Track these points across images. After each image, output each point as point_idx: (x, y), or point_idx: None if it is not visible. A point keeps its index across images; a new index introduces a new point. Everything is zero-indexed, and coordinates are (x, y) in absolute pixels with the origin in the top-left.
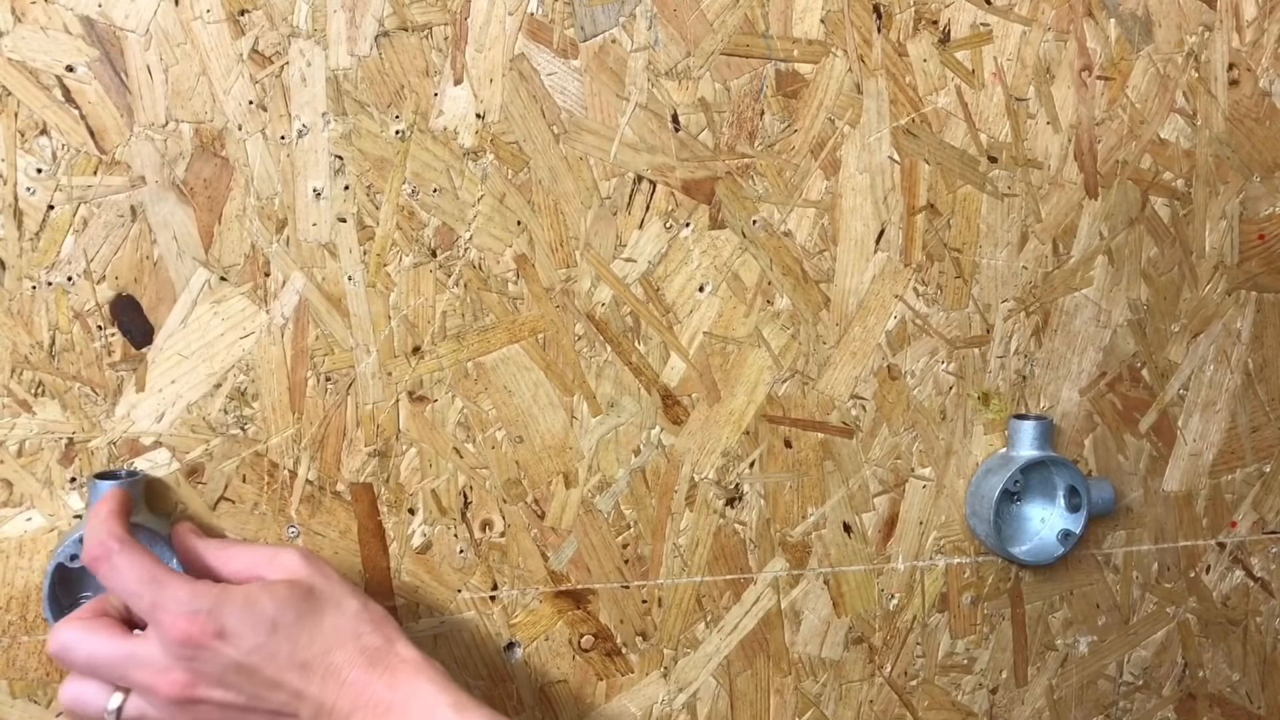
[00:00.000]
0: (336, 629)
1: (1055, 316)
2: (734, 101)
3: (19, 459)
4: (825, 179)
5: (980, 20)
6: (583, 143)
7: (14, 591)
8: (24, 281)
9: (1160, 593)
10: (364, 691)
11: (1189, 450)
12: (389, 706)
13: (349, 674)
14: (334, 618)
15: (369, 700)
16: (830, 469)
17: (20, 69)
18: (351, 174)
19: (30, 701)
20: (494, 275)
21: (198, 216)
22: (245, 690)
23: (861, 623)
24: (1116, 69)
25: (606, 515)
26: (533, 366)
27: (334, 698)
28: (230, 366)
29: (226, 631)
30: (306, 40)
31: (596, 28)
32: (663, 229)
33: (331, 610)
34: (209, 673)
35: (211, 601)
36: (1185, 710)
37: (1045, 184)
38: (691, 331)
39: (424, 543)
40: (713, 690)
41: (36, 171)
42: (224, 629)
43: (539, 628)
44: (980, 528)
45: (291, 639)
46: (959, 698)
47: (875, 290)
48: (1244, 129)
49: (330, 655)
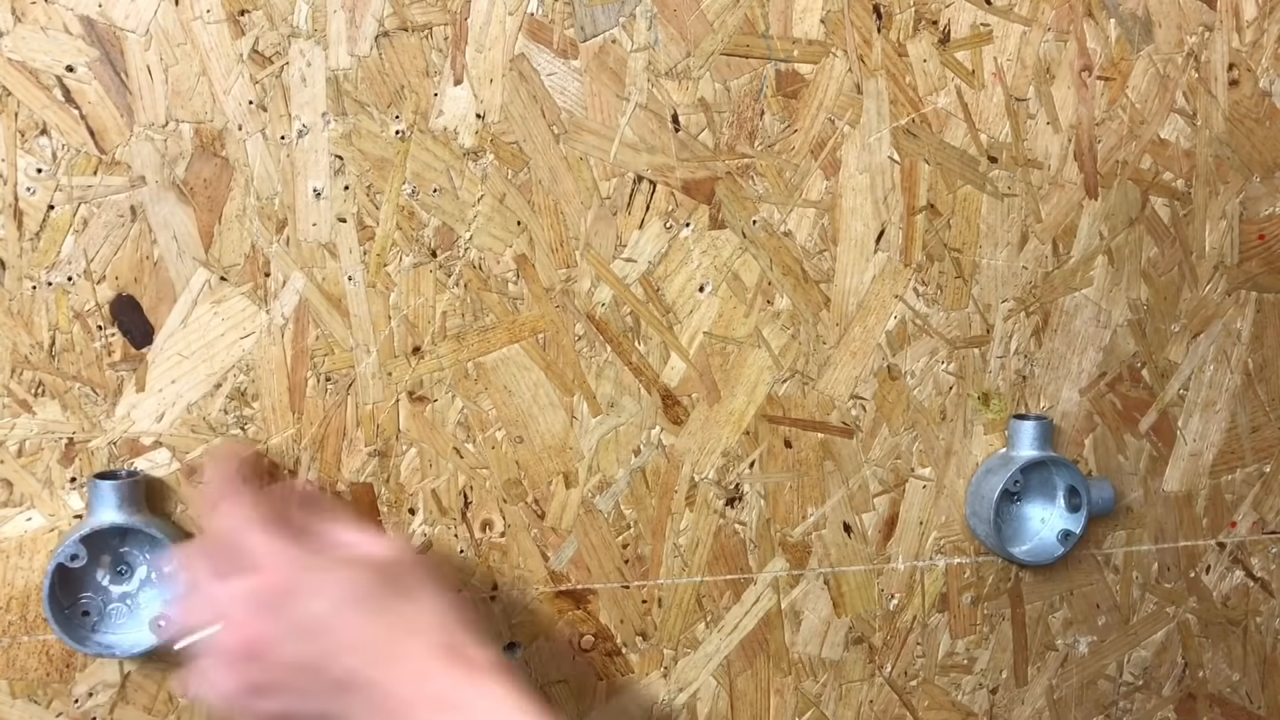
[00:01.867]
0: (414, 617)
1: (1055, 316)
2: (734, 101)
3: (19, 459)
4: (825, 179)
5: (980, 20)
6: (583, 143)
7: (14, 591)
8: (24, 281)
9: (1160, 593)
10: (428, 684)
11: (1189, 450)
12: (454, 704)
13: (417, 664)
14: (415, 606)
15: (433, 693)
16: (830, 469)
17: (20, 69)
18: (351, 174)
19: (30, 701)
20: (494, 275)
21: (198, 216)
22: (313, 653)
23: (861, 623)
24: (1116, 69)
25: (606, 515)
26: (533, 366)
27: (397, 684)
28: (230, 366)
29: (317, 589)
30: (306, 40)
31: (596, 28)
32: (663, 229)
33: (414, 600)
34: (288, 623)
35: (312, 559)
36: (1185, 710)
37: (1045, 184)
38: (691, 331)
39: (424, 543)
40: (713, 690)
41: (36, 171)
42: (316, 586)
43: (539, 628)
44: (980, 528)
45: (368, 616)
46: (959, 698)
47: (875, 290)
48: (1244, 129)
49: (402, 642)
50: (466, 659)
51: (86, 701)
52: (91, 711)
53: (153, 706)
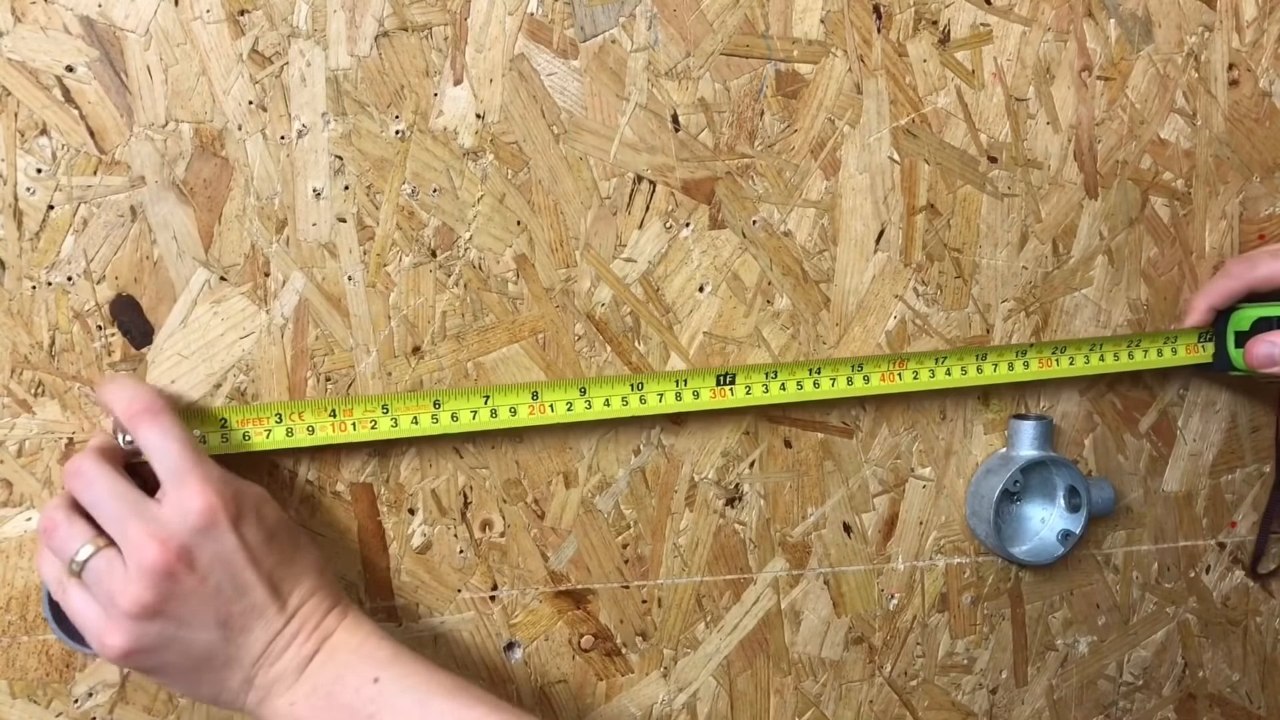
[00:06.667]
0: (310, 568)
1: (1055, 316)
2: (734, 101)
3: (19, 459)
4: (825, 179)
5: (980, 20)
6: (583, 143)
7: (14, 591)
8: (24, 281)
9: (1160, 593)
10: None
11: (1189, 450)
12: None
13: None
14: (306, 556)
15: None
16: (830, 469)
17: (20, 69)
18: (351, 174)
19: (30, 701)
20: (494, 275)
21: (198, 216)
22: (223, 582)
23: (861, 623)
24: (1116, 69)
25: (606, 515)
26: (532, 366)
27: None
28: (230, 366)
29: (242, 517)
30: (306, 40)
31: (596, 28)
32: (663, 229)
33: (305, 549)
34: (206, 552)
35: (238, 487)
36: (1185, 710)
37: (1045, 184)
38: (691, 331)
39: (424, 543)
40: (713, 690)
41: (36, 171)
42: (241, 514)
43: (539, 628)
44: (980, 528)
45: (277, 554)
46: (959, 698)
47: (875, 290)
48: (1244, 129)
49: (299, 586)
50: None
51: (86, 701)
52: (91, 711)
53: (152, 706)
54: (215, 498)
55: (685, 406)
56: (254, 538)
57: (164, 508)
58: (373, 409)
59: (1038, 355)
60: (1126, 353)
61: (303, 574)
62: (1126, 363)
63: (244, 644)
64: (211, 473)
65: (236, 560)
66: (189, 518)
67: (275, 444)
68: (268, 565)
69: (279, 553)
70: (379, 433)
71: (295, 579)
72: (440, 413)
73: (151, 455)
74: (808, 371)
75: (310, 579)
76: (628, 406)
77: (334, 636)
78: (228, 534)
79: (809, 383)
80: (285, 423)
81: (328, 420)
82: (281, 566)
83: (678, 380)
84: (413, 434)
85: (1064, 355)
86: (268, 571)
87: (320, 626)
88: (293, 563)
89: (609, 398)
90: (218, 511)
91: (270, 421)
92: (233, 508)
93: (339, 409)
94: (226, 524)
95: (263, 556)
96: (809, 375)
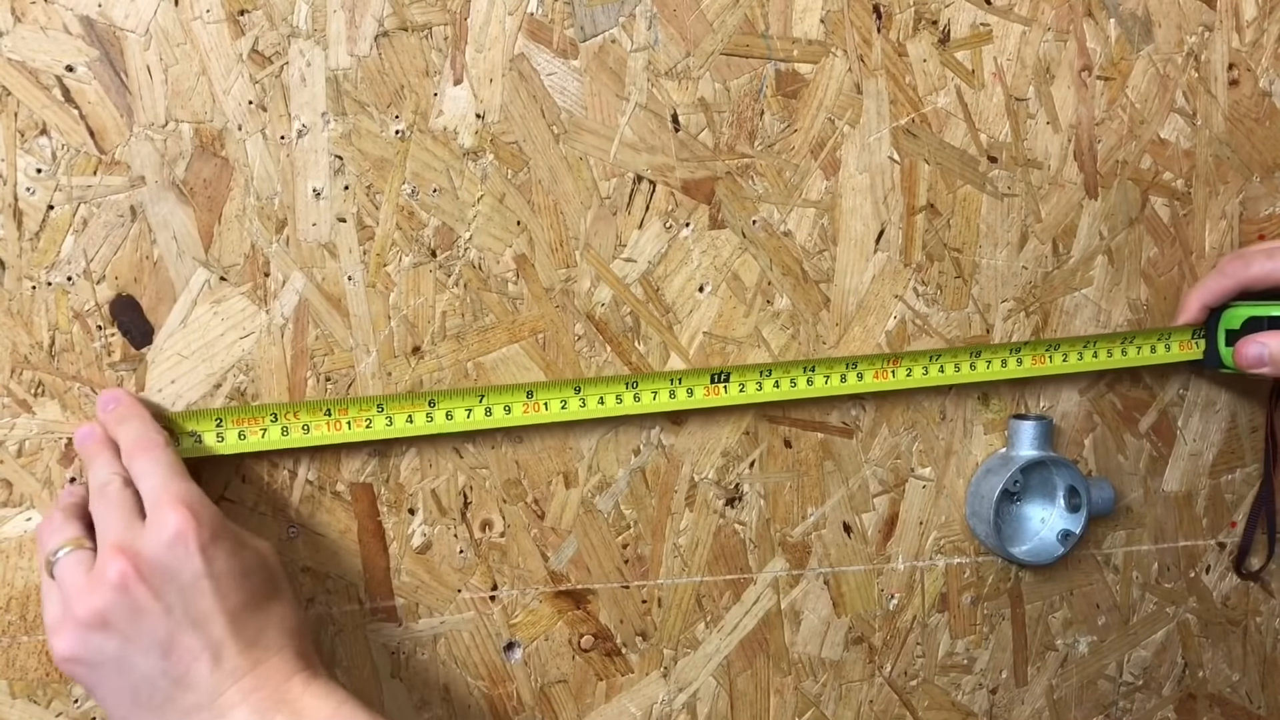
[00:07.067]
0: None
1: (1055, 316)
2: (734, 101)
3: (19, 459)
4: (825, 179)
5: (980, 20)
6: (583, 143)
7: (14, 591)
8: (24, 281)
9: (1160, 593)
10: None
11: (1189, 450)
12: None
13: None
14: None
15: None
16: (830, 469)
17: (20, 69)
18: (351, 174)
19: (30, 701)
20: (494, 275)
21: (198, 216)
22: (175, 604)
23: (861, 623)
24: (1116, 69)
25: (606, 515)
26: (532, 366)
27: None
28: (230, 367)
29: (215, 544)
30: (306, 40)
31: (596, 28)
32: (663, 229)
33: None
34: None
35: (219, 515)
36: (1185, 710)
37: (1045, 184)
38: (691, 331)
39: (424, 543)
40: (713, 690)
41: (36, 171)
42: (215, 541)
43: (539, 628)
44: (980, 528)
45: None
46: (959, 698)
47: (875, 290)
48: (1244, 129)
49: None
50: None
51: (86, 701)
52: (91, 711)
53: None
54: (190, 518)
55: (680, 404)
56: (223, 568)
57: (145, 525)
58: (368, 408)
59: (1032, 352)
60: (1120, 349)
61: (272, 626)
62: (1120, 359)
63: (187, 683)
64: (194, 497)
65: (199, 586)
66: (161, 533)
67: (271, 444)
68: (233, 601)
69: (249, 593)
70: (374, 432)
71: (262, 629)
72: (435, 411)
73: (139, 480)
74: (802, 369)
75: (280, 634)
76: (623, 404)
77: (302, 703)
78: (194, 555)
79: (803, 380)
80: (280, 422)
81: (323, 419)
82: (249, 609)
83: (672, 378)
84: (409, 433)
85: (1058, 352)
86: (231, 608)
87: (283, 689)
88: (264, 610)
89: (604, 395)
90: (189, 531)
91: (265, 421)
92: (206, 532)
93: (334, 409)
94: (195, 546)
95: (229, 591)
96: (803, 373)
